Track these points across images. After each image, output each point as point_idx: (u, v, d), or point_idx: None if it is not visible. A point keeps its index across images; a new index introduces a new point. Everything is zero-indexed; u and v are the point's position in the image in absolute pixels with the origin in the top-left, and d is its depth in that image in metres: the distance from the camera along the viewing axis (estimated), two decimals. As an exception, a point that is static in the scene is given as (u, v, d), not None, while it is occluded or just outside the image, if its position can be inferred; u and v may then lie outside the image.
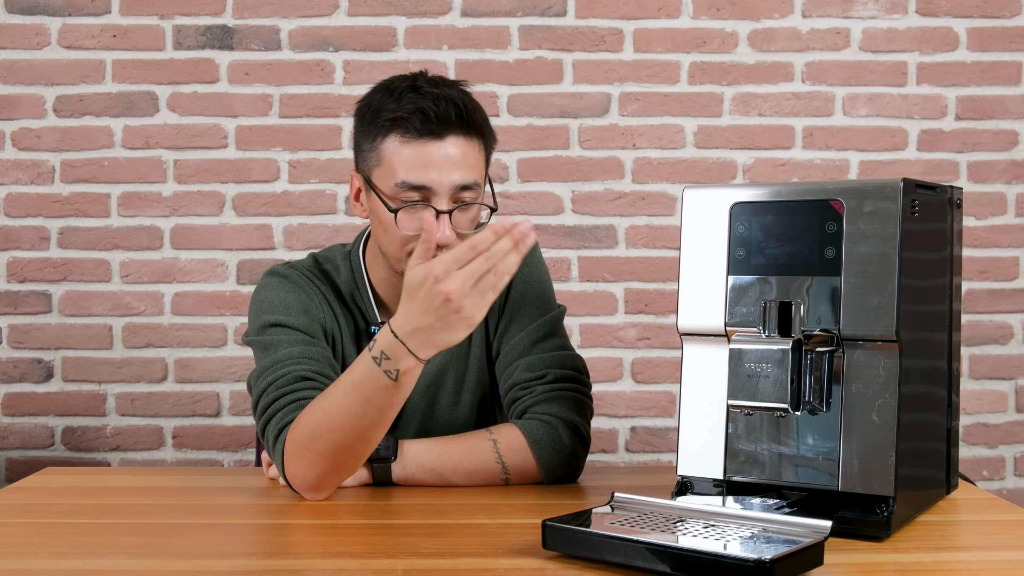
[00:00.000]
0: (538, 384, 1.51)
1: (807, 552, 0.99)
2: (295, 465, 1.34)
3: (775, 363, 1.18)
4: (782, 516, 1.08)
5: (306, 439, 1.32)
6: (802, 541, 1.00)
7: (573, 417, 1.48)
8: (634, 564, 1.01)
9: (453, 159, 1.40)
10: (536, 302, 1.58)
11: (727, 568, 0.95)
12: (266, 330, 1.48)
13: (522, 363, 1.53)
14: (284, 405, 1.38)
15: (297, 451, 1.33)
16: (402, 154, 1.40)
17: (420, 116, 1.39)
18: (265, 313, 1.50)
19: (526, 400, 1.50)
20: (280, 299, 1.51)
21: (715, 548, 0.98)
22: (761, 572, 0.92)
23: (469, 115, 1.42)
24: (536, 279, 1.60)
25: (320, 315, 1.53)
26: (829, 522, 1.04)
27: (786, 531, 1.04)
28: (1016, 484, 2.61)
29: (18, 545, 1.16)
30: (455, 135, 1.41)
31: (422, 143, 1.40)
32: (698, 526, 1.08)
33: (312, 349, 1.46)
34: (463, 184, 1.41)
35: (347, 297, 1.57)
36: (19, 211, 2.55)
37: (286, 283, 1.54)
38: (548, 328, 1.57)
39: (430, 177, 1.39)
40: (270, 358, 1.44)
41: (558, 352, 1.55)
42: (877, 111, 2.60)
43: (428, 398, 1.59)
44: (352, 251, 1.60)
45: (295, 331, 1.48)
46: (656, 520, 1.10)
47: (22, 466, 2.55)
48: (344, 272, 1.58)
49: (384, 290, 1.56)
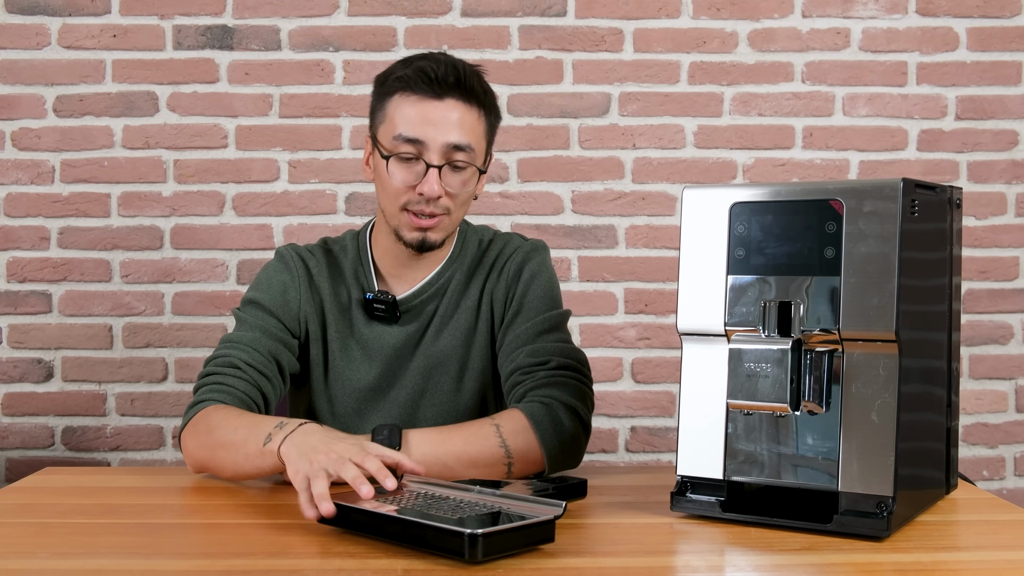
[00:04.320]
0: (540, 369, 1.53)
1: (527, 529, 1.08)
2: (188, 441, 1.48)
3: (775, 363, 1.18)
4: (529, 497, 1.18)
5: (203, 432, 1.45)
6: (534, 518, 1.09)
7: (573, 401, 1.49)
8: (381, 535, 1.13)
9: (449, 120, 1.51)
10: (544, 299, 1.63)
11: (443, 537, 1.05)
12: (245, 306, 1.62)
13: (525, 350, 1.56)
14: (210, 383, 1.52)
15: (195, 432, 1.47)
16: (403, 110, 1.52)
17: (422, 76, 1.50)
18: (251, 290, 1.64)
19: (527, 383, 1.52)
20: (266, 278, 1.64)
21: (436, 522, 1.07)
22: (472, 542, 1.03)
23: (468, 80, 1.52)
24: (546, 279, 1.65)
25: (296, 297, 1.62)
26: (563, 503, 1.13)
27: (526, 510, 1.13)
28: (1016, 484, 2.61)
29: (18, 545, 1.16)
30: (454, 98, 1.51)
31: (422, 101, 1.51)
32: (448, 503, 1.16)
33: (263, 339, 1.57)
34: (456, 144, 1.51)
35: (349, 272, 1.66)
36: (19, 211, 2.56)
37: (279, 263, 1.65)
38: (553, 323, 1.60)
39: (425, 132, 1.50)
40: (232, 333, 1.59)
41: (561, 344, 1.57)
42: (877, 111, 2.60)
43: (429, 380, 1.63)
44: (360, 231, 1.70)
45: (265, 312, 1.60)
46: (418, 498, 1.19)
47: (22, 466, 2.55)
48: (351, 250, 1.67)
49: (384, 263, 1.64)
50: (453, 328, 1.64)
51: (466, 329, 1.64)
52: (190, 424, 1.49)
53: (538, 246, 1.69)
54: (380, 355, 1.63)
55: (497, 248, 1.68)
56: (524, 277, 1.63)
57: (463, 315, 1.64)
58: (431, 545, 1.07)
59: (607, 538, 1.18)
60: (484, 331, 1.65)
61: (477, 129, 1.54)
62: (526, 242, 1.70)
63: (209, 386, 1.52)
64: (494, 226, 2.52)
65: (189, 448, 1.48)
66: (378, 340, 1.63)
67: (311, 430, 1.32)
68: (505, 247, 1.68)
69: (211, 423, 1.45)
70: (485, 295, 1.65)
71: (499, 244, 1.69)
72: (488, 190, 2.56)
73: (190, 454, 1.48)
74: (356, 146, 2.57)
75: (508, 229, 2.56)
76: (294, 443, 1.30)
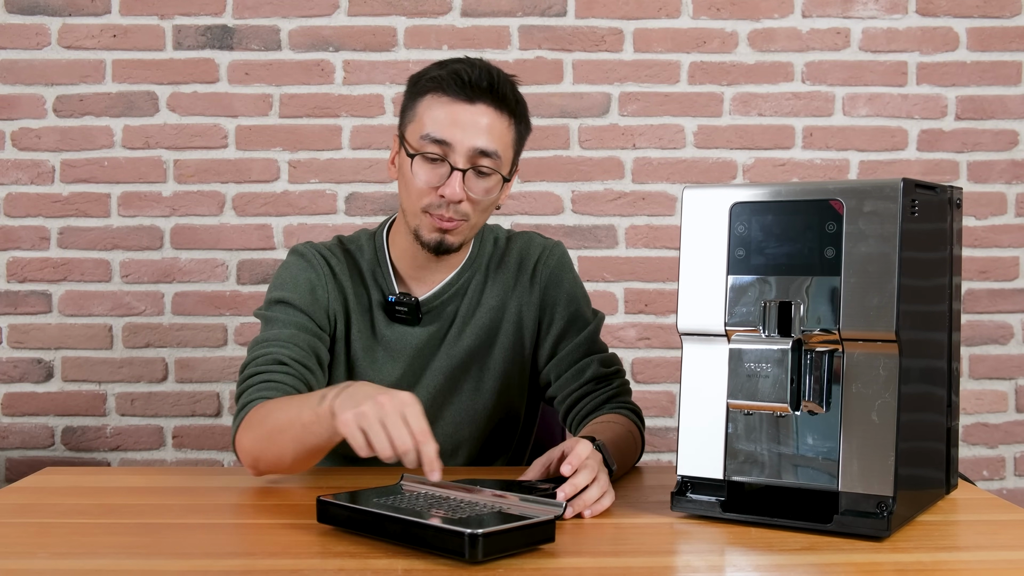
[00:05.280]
0: (615, 378, 1.65)
1: (527, 529, 1.08)
2: (243, 439, 1.43)
3: (775, 363, 1.18)
4: (530, 497, 1.19)
5: (257, 424, 1.41)
6: (534, 518, 1.09)
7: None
8: (381, 535, 1.13)
9: (479, 124, 1.49)
10: (585, 300, 1.69)
11: (443, 537, 1.06)
12: (272, 306, 1.59)
13: (596, 358, 1.63)
14: (256, 383, 1.48)
15: (249, 427, 1.43)
16: (433, 111, 1.50)
17: (456, 79, 1.49)
18: (275, 289, 1.61)
19: (606, 392, 1.62)
20: (291, 277, 1.61)
21: (437, 522, 1.07)
22: (472, 542, 1.03)
23: (501, 87, 1.51)
24: (578, 281, 1.70)
25: (324, 295, 1.60)
26: (563, 503, 1.15)
27: (527, 510, 1.13)
28: (1016, 484, 2.61)
29: (18, 545, 1.16)
30: (485, 103, 1.50)
31: (453, 103, 1.50)
32: (448, 503, 1.17)
33: (300, 335, 1.54)
34: (483, 149, 1.50)
35: (368, 273, 1.64)
36: (19, 211, 2.56)
37: (301, 261, 1.63)
38: (599, 324, 1.69)
39: (452, 134, 1.49)
40: (264, 334, 1.56)
41: (609, 350, 1.69)
42: (877, 111, 2.60)
43: (452, 383, 1.64)
44: (376, 232, 1.68)
45: (296, 310, 1.57)
46: (419, 498, 1.19)
47: (22, 466, 2.55)
48: (368, 251, 1.66)
49: (403, 264, 1.63)
50: (474, 329, 1.64)
51: (488, 330, 1.64)
52: (243, 424, 1.44)
53: (561, 246, 1.71)
54: (403, 355, 1.62)
55: (519, 249, 1.68)
56: (565, 286, 1.66)
57: (484, 316, 1.64)
58: (431, 545, 1.07)
59: (607, 538, 1.18)
60: (509, 332, 1.65)
61: (506, 137, 1.53)
62: (548, 242, 1.70)
63: (256, 385, 1.48)
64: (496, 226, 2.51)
65: (245, 446, 1.43)
66: (400, 340, 1.62)
67: (361, 384, 1.29)
68: (528, 248, 1.68)
69: (263, 414, 1.41)
70: (513, 299, 1.65)
71: (520, 245, 1.69)
72: (488, 190, 2.56)
73: (248, 451, 1.43)
74: (356, 146, 2.57)
75: (508, 229, 2.56)
76: (346, 394, 1.25)
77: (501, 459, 1.71)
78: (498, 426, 1.68)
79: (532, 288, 1.65)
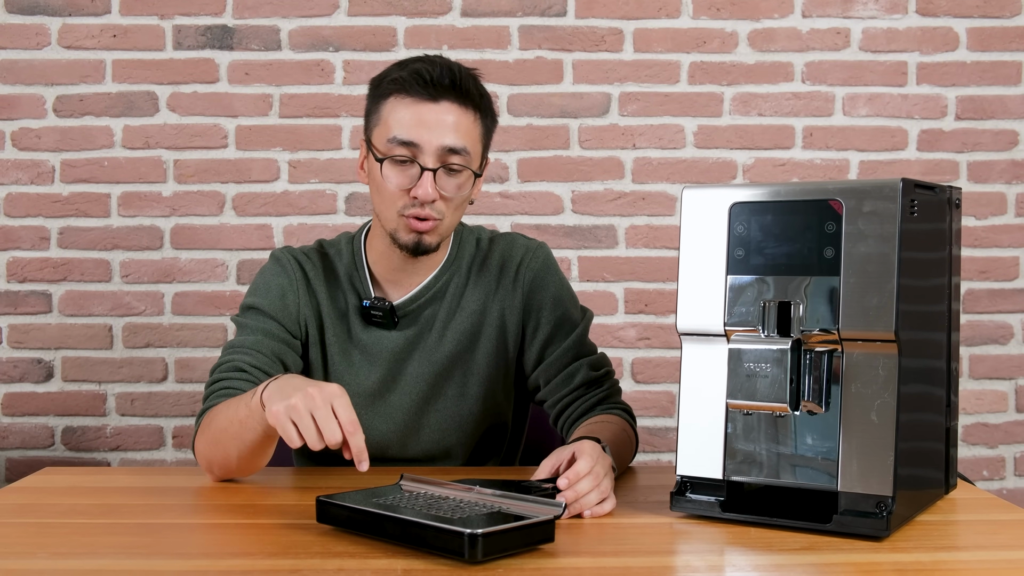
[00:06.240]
0: (606, 379, 1.65)
1: (527, 529, 1.08)
2: (198, 444, 1.48)
3: (774, 363, 1.18)
4: (529, 496, 1.18)
5: (206, 428, 1.46)
6: (533, 518, 1.09)
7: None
8: (381, 535, 1.13)
9: (444, 122, 1.49)
10: (572, 302, 1.67)
11: (443, 537, 1.06)
12: (244, 312, 1.62)
13: (586, 361, 1.62)
14: (216, 390, 1.51)
15: (202, 433, 1.47)
16: (398, 113, 1.50)
17: (417, 79, 1.49)
18: (249, 295, 1.64)
19: (599, 393, 1.62)
20: (264, 283, 1.63)
21: (436, 522, 1.07)
22: (472, 542, 1.03)
23: (463, 83, 1.51)
24: (564, 282, 1.68)
25: (295, 301, 1.62)
26: (563, 503, 1.15)
27: (526, 510, 1.14)
28: (1016, 484, 2.61)
29: (18, 545, 1.16)
30: (449, 101, 1.49)
31: (417, 103, 1.49)
32: (448, 503, 1.17)
33: (265, 341, 1.57)
34: (451, 147, 1.49)
35: (344, 277, 1.64)
36: (19, 211, 2.56)
37: (276, 267, 1.64)
38: (588, 326, 1.68)
39: (419, 135, 1.48)
40: (233, 340, 1.59)
41: (599, 352, 1.68)
42: (877, 111, 2.60)
43: (434, 388, 1.62)
44: (355, 236, 1.68)
45: (265, 316, 1.60)
46: (418, 498, 1.20)
47: (22, 466, 2.55)
48: (346, 255, 1.66)
49: (379, 268, 1.63)
50: (455, 333, 1.62)
51: (470, 334, 1.62)
52: (199, 430, 1.48)
53: (545, 248, 1.69)
54: (380, 359, 1.61)
55: (501, 251, 1.66)
56: (550, 289, 1.65)
57: (465, 319, 1.63)
58: (431, 545, 1.07)
59: (607, 538, 1.18)
60: (492, 336, 1.63)
61: (473, 132, 1.52)
62: (531, 243, 1.68)
63: (216, 393, 1.51)
64: (493, 226, 2.52)
65: (200, 450, 1.47)
66: (377, 344, 1.62)
67: (290, 376, 1.34)
68: (511, 250, 1.66)
69: (211, 417, 1.46)
70: (494, 302, 1.64)
71: (502, 247, 1.67)
72: (488, 190, 2.56)
73: (202, 455, 1.47)
74: (356, 146, 2.57)
75: (508, 229, 2.56)
76: (275, 387, 1.30)
77: (492, 462, 1.70)
78: (487, 431, 1.67)
79: (515, 291, 1.64)
